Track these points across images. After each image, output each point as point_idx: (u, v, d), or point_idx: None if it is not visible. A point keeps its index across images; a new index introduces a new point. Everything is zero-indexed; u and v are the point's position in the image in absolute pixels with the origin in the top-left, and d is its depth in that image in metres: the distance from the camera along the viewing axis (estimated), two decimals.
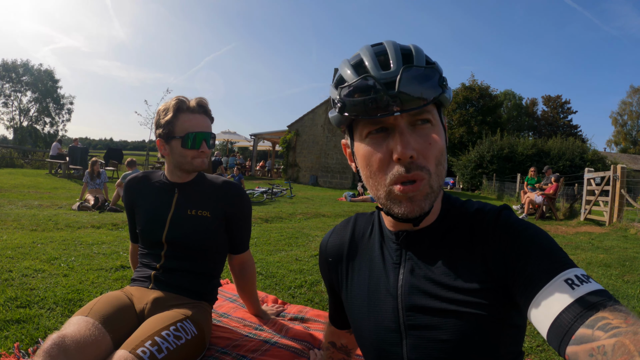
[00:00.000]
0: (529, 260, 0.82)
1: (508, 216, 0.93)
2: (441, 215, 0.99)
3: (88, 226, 5.84)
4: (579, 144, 25.89)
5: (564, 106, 54.05)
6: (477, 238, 0.92)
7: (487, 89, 39.90)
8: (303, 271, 4.02)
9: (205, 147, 1.96)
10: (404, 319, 0.97)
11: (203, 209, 2.01)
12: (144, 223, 2.03)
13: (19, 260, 3.67)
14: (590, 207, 10.74)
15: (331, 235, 1.22)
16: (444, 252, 0.95)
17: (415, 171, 0.84)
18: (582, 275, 0.76)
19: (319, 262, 1.28)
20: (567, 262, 0.79)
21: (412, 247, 0.99)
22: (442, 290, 0.92)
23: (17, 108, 46.71)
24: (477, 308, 0.88)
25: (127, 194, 2.14)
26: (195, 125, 1.93)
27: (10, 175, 14.89)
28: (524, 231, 0.87)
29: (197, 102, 1.96)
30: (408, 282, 0.97)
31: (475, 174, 26.07)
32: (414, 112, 0.84)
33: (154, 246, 2.00)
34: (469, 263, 0.91)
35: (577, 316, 0.70)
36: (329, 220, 8.22)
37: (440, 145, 0.88)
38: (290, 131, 24.01)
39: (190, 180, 2.06)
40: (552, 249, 0.83)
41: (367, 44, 0.92)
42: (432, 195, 0.88)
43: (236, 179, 14.53)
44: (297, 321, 2.44)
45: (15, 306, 2.60)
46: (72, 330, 1.53)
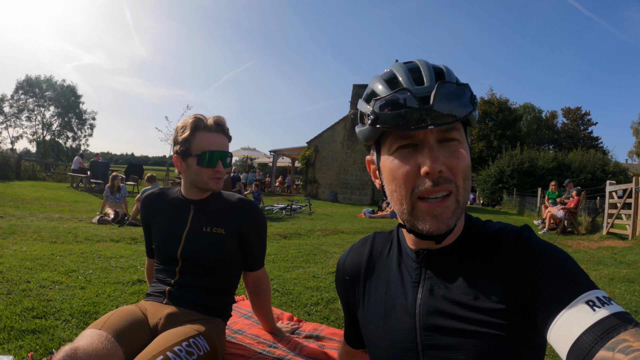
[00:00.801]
0: (550, 281, 0.81)
1: (529, 237, 0.91)
2: (462, 235, 0.98)
3: (107, 240, 5.91)
4: (600, 156, 25.60)
5: (584, 118, 53.51)
6: (498, 258, 0.91)
7: (506, 103, 39.72)
8: (320, 288, 4.00)
9: (221, 166, 1.96)
10: (422, 339, 0.95)
11: (218, 226, 2.00)
12: (160, 239, 2.03)
13: (38, 271, 3.72)
14: (612, 221, 10.55)
15: (349, 254, 1.22)
16: (464, 272, 0.94)
17: (445, 184, 0.86)
18: (603, 297, 0.75)
19: (336, 281, 1.28)
20: (589, 284, 0.78)
21: (432, 266, 0.99)
22: (462, 310, 0.91)
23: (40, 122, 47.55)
24: (496, 329, 0.86)
25: (144, 210, 2.14)
26: (211, 144, 1.93)
27: (33, 187, 15.15)
28: (544, 252, 0.86)
29: (214, 121, 1.97)
30: (427, 302, 0.96)
31: (496, 189, 25.87)
32: (443, 129, 0.86)
33: (169, 262, 2.00)
34: (489, 283, 0.90)
35: (597, 338, 0.68)
36: (347, 237, 8.20)
37: (467, 160, 0.89)
38: (309, 147, 24.09)
39: (206, 197, 2.05)
40: (574, 270, 0.82)
41: (399, 62, 0.94)
42: (458, 211, 0.89)
43: (255, 195, 14.60)
44: (312, 339, 2.40)
45: (32, 316, 2.63)
46: (84, 342, 1.52)
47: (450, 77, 0.89)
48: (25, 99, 46.14)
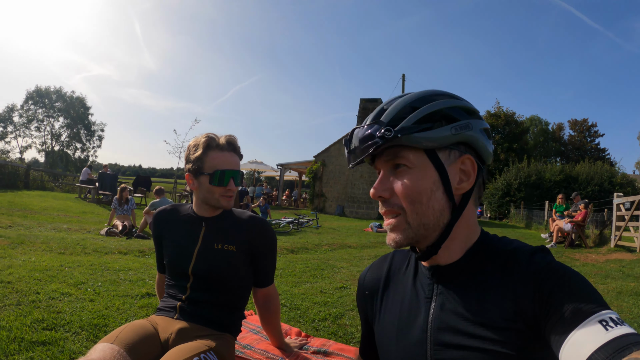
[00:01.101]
0: (563, 300, 0.81)
1: (543, 257, 0.92)
2: (474, 251, 1.00)
3: (115, 252, 5.94)
4: (607, 167, 25.45)
5: (591, 129, 53.19)
6: (510, 277, 0.92)
7: (513, 116, 39.68)
8: (327, 304, 3.99)
9: (233, 185, 1.99)
10: (431, 353, 0.97)
11: (229, 243, 2.01)
12: (171, 255, 2.06)
13: (47, 282, 3.74)
14: (620, 233, 10.45)
15: (369, 270, 1.26)
16: (476, 288, 0.95)
17: (388, 207, 0.97)
18: (616, 318, 0.75)
19: (357, 295, 1.32)
20: (602, 304, 0.79)
21: (445, 281, 1.00)
22: (471, 326, 0.92)
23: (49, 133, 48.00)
24: (504, 347, 0.87)
25: (156, 226, 2.17)
26: (223, 163, 1.96)
27: (41, 197, 15.23)
28: (557, 271, 0.87)
29: (226, 140, 2.00)
30: (438, 317, 0.98)
31: (503, 202, 25.76)
32: (389, 158, 0.97)
33: (181, 278, 2.02)
34: (500, 301, 0.90)
35: (609, 357, 0.69)
36: (354, 252, 8.19)
37: (412, 186, 0.95)
38: (316, 161, 24.12)
39: (218, 214, 2.08)
40: (588, 290, 0.82)
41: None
42: (408, 230, 0.96)
43: (262, 208, 14.61)
44: (320, 355, 2.41)
45: (42, 328, 2.65)
46: (97, 356, 1.53)
47: (391, 115, 0.95)
48: (34, 109, 46.70)
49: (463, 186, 0.97)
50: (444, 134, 0.93)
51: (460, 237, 0.99)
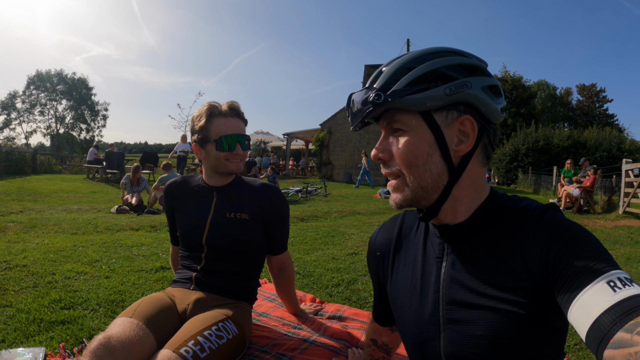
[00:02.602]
0: (572, 260, 0.81)
1: (553, 215, 0.91)
2: (483, 210, 0.99)
3: (127, 229, 5.98)
4: (616, 133, 25.15)
5: (599, 95, 52.58)
6: (520, 235, 0.91)
7: (520, 80, 39.14)
8: (340, 270, 4.03)
9: (240, 149, 2.00)
10: (444, 312, 0.98)
11: (242, 211, 2.03)
12: (184, 226, 2.07)
13: (62, 263, 3.78)
14: (629, 200, 10.40)
15: (380, 231, 1.26)
16: (486, 248, 0.95)
17: (387, 169, 0.99)
18: (625, 279, 0.75)
19: (367, 257, 1.31)
20: (611, 264, 0.78)
21: (455, 241, 1.00)
22: (481, 285, 0.92)
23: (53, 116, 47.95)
24: (514, 305, 0.87)
25: (167, 198, 2.18)
26: (228, 128, 1.97)
27: (50, 181, 15.30)
28: (567, 230, 0.86)
29: (228, 106, 2.00)
30: (449, 276, 0.99)
31: (511, 168, 25.63)
32: (386, 123, 0.98)
33: (195, 249, 2.03)
34: (510, 260, 0.90)
35: (616, 319, 0.68)
36: (364, 218, 8.21)
37: (408, 149, 0.95)
38: (322, 129, 24.03)
39: (228, 183, 2.09)
40: (596, 249, 0.81)
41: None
42: (407, 192, 0.97)
43: (270, 178, 14.62)
44: (335, 320, 2.44)
45: (60, 308, 2.68)
46: (117, 331, 1.56)
47: (385, 78, 0.94)
48: (37, 94, 46.59)
49: (461, 148, 0.95)
50: (437, 94, 0.91)
51: (466, 198, 0.99)
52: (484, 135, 0.97)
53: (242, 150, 2.02)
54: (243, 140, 2.01)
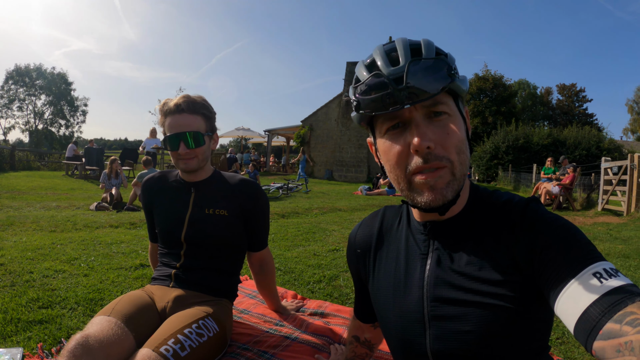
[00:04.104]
0: (557, 252, 0.81)
1: (536, 208, 0.92)
2: (468, 205, 0.99)
3: (106, 226, 5.90)
4: (595, 132, 25.55)
5: (579, 94, 53.39)
6: (504, 230, 0.92)
7: (501, 79, 39.49)
8: (321, 266, 4.02)
9: (184, 148, 1.90)
10: (428, 310, 0.97)
11: (220, 208, 2.00)
12: (163, 223, 2.05)
13: (40, 261, 3.71)
14: (607, 197, 10.60)
15: (360, 227, 1.24)
16: (471, 243, 0.95)
17: (434, 161, 0.86)
18: (610, 269, 0.75)
19: (347, 254, 1.30)
20: (596, 255, 0.78)
21: (440, 237, 1.00)
22: (467, 281, 0.92)
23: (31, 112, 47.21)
24: (501, 300, 0.87)
25: (145, 195, 2.15)
26: (172, 127, 1.90)
27: (28, 177, 15.07)
28: (552, 223, 0.87)
29: (175, 102, 1.92)
30: (434, 273, 0.98)
31: (491, 165, 25.88)
32: (428, 104, 0.87)
33: (174, 246, 2.01)
34: (495, 254, 0.91)
35: (605, 311, 0.69)
36: (345, 215, 8.22)
37: (458, 134, 0.89)
38: (304, 126, 24.06)
39: (206, 178, 2.06)
40: (581, 241, 0.82)
41: (380, 44, 0.94)
42: (454, 183, 0.89)
43: (252, 175, 14.62)
44: (316, 316, 2.44)
45: (38, 307, 2.63)
46: (95, 330, 1.54)
47: (429, 51, 0.88)
48: (15, 89, 45.77)
49: (469, 135, 0.96)
50: (466, 82, 0.92)
51: (465, 189, 0.99)
52: None
53: (187, 149, 1.90)
54: (187, 137, 1.89)
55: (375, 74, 0.88)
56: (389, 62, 0.88)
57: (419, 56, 0.87)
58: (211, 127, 2.01)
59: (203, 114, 1.96)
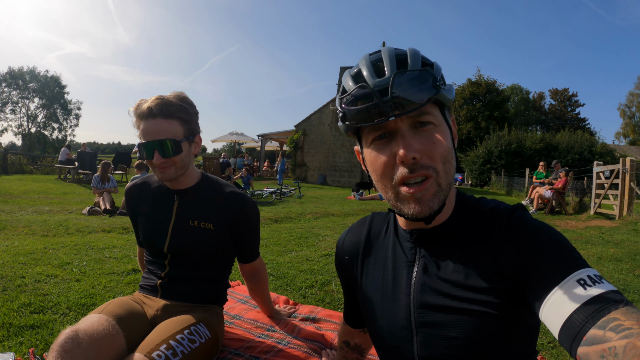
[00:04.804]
0: (542, 259, 0.82)
1: (521, 215, 0.93)
2: (455, 213, 1.00)
3: (99, 230, 5.88)
4: (587, 137, 25.70)
5: (572, 99, 53.76)
6: (490, 237, 0.93)
7: (494, 84, 39.61)
8: (314, 271, 4.02)
9: (159, 157, 1.72)
10: (415, 316, 0.98)
11: (206, 220, 1.87)
12: (146, 233, 1.96)
13: (32, 265, 3.69)
14: (599, 201, 10.66)
15: (347, 234, 1.25)
16: (457, 250, 0.96)
17: (420, 171, 0.87)
18: (594, 276, 0.76)
19: (335, 261, 1.30)
20: (580, 262, 0.79)
21: (426, 245, 1.01)
22: (453, 288, 0.93)
23: (24, 115, 47.00)
24: (487, 307, 0.88)
25: (128, 201, 2.07)
26: (146, 133, 1.72)
27: (20, 181, 14.97)
28: (537, 230, 0.88)
29: (148, 105, 1.72)
30: (420, 280, 0.99)
31: (484, 170, 25.97)
32: (414, 115, 0.87)
33: (158, 255, 1.93)
34: (481, 261, 0.92)
35: (588, 317, 0.70)
36: (338, 220, 8.21)
37: (444, 144, 0.90)
38: (297, 131, 24.04)
39: (191, 186, 1.92)
40: (565, 248, 0.83)
41: (367, 53, 0.95)
42: (440, 193, 0.90)
43: (245, 179, 14.61)
44: (308, 321, 2.44)
45: (29, 312, 2.62)
46: (85, 325, 1.53)
47: (415, 61, 0.89)
48: (8, 92, 45.54)
49: (455, 143, 0.97)
50: (452, 92, 0.93)
51: (451, 197, 1.00)
52: None
53: (162, 158, 1.72)
54: (161, 146, 1.71)
55: (360, 85, 0.88)
56: (374, 73, 0.89)
57: (404, 67, 0.88)
58: (191, 131, 1.82)
59: (180, 118, 1.76)
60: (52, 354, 1.40)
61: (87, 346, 1.44)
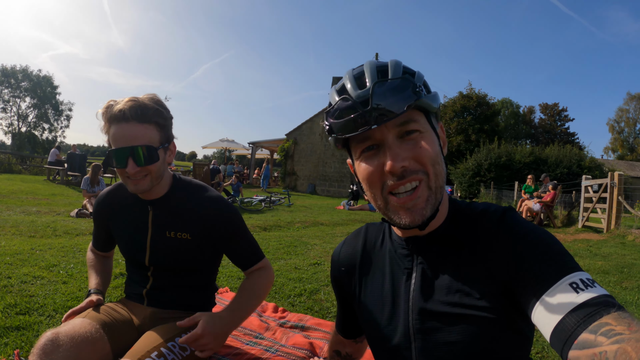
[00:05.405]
0: (534, 262, 0.83)
1: (512, 217, 0.94)
2: (448, 219, 1.01)
3: (86, 233, 5.85)
4: (576, 151, 25.86)
5: (561, 114, 54.34)
6: (482, 240, 0.93)
7: (485, 97, 39.83)
8: (302, 280, 4.02)
9: (134, 166, 1.56)
10: (413, 323, 0.99)
11: (182, 230, 1.74)
12: (124, 246, 1.87)
13: (18, 266, 3.66)
14: (588, 214, 10.77)
15: (343, 246, 1.26)
16: (452, 256, 0.97)
17: (410, 176, 0.89)
18: (587, 280, 0.77)
19: (331, 273, 1.30)
20: (573, 266, 0.80)
21: (422, 252, 1.02)
22: (450, 294, 0.94)
23: (15, 114, 46.70)
24: (483, 311, 0.89)
25: (100, 209, 1.90)
26: (118, 139, 1.55)
27: (9, 181, 14.84)
28: (529, 233, 0.88)
29: (120, 107, 1.54)
30: (419, 286, 1.00)
31: (473, 182, 26.03)
32: (398, 124, 0.89)
33: (140, 268, 1.85)
34: (475, 266, 0.92)
35: (580, 321, 0.71)
36: (327, 229, 8.22)
37: (431, 150, 0.91)
38: (288, 139, 24.09)
39: (164, 195, 1.77)
40: (558, 251, 0.83)
41: (350, 69, 0.98)
42: (432, 197, 0.92)
43: (235, 186, 14.60)
44: (297, 329, 2.44)
45: (15, 313, 2.60)
46: (67, 327, 1.50)
47: (395, 71, 0.91)
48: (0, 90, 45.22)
49: (444, 151, 0.99)
50: (436, 99, 0.94)
51: (444, 202, 1.00)
52: None
53: (137, 167, 1.57)
54: (135, 153, 1.55)
55: (343, 97, 0.91)
56: (357, 85, 0.91)
57: (385, 77, 0.90)
58: (167, 137, 1.68)
59: (156, 123, 1.61)
60: (33, 357, 1.38)
61: (68, 349, 1.42)
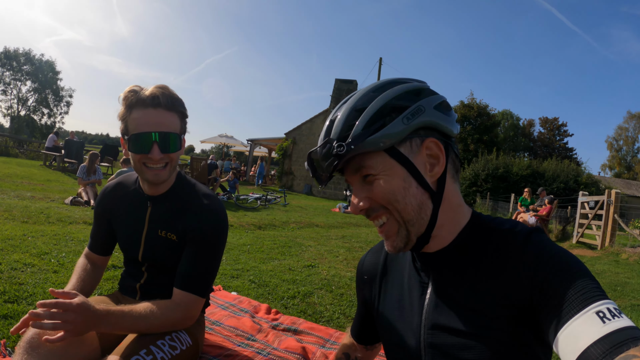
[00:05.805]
0: (560, 287, 0.79)
1: (539, 239, 0.90)
2: (467, 233, 0.98)
3: (80, 222, 5.80)
4: (574, 167, 26.03)
5: (561, 129, 54.60)
6: (504, 260, 0.90)
7: (485, 108, 40.04)
8: (296, 282, 4.00)
9: (158, 152, 1.55)
10: (425, 337, 0.98)
11: (171, 231, 1.70)
12: (122, 239, 1.85)
13: (9, 252, 3.62)
14: (582, 231, 10.81)
15: (368, 255, 1.30)
16: (471, 272, 0.94)
17: (374, 213, 0.95)
18: (614, 309, 0.73)
19: (356, 279, 1.34)
20: (599, 293, 0.77)
21: (435, 268, 1.01)
22: (464, 312, 0.92)
23: (15, 97, 46.64)
24: (497, 333, 0.87)
25: (103, 203, 1.87)
26: (143, 124, 1.53)
27: (4, 164, 14.77)
28: (554, 256, 0.85)
29: (150, 93, 1.54)
30: (433, 301, 0.99)
31: (469, 192, 26.14)
32: (354, 171, 0.94)
33: (134, 262, 1.84)
34: (495, 286, 0.89)
35: (606, 352, 0.67)
36: (322, 231, 8.22)
37: (387, 189, 0.91)
38: (287, 139, 24.09)
39: (164, 192, 1.74)
40: (585, 277, 0.80)
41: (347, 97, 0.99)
42: (402, 230, 0.94)
43: (231, 183, 14.60)
44: (290, 332, 2.42)
45: (3, 301, 2.56)
46: None
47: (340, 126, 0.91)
48: (1, 72, 45.22)
49: (436, 171, 0.93)
50: (397, 128, 0.89)
51: (447, 222, 0.97)
52: (449, 151, 0.96)
53: (160, 154, 1.55)
54: (165, 139, 1.55)
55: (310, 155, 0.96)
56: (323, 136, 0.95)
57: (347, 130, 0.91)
58: (184, 129, 1.67)
59: (181, 113, 1.63)
60: (19, 350, 1.36)
61: None
